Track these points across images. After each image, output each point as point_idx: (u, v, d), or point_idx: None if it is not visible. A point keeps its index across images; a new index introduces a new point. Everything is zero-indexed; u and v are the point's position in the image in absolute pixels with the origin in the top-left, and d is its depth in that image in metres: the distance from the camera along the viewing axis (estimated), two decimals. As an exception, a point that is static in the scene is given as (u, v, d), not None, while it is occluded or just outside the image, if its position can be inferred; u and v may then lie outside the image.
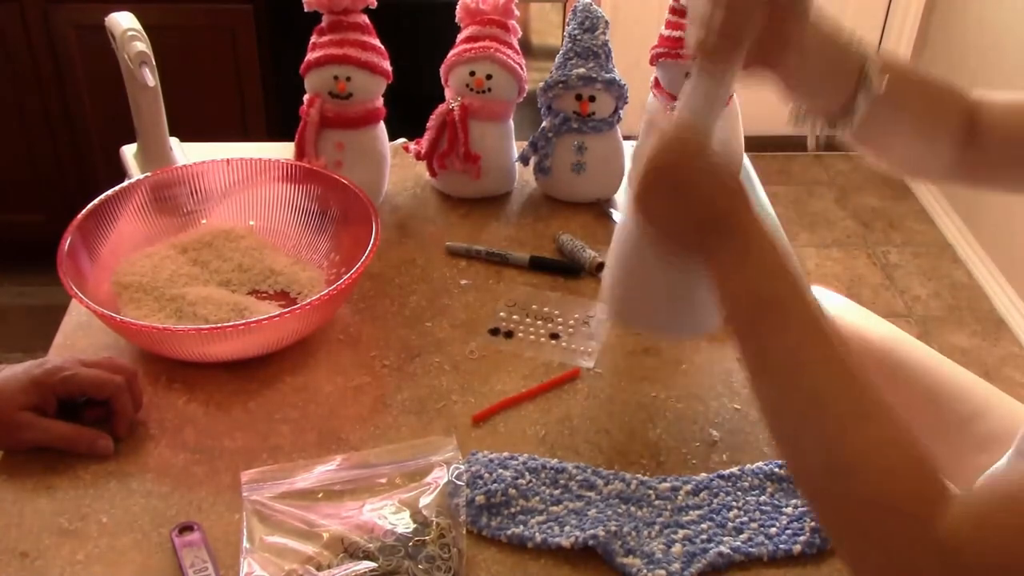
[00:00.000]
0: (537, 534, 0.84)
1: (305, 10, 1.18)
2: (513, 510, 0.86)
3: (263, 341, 1.00)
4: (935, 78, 0.95)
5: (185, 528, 0.83)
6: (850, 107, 0.90)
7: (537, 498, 0.87)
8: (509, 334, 1.08)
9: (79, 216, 1.06)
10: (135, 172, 1.28)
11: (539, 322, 1.09)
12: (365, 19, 1.20)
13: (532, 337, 1.08)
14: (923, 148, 0.96)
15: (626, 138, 1.31)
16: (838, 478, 0.67)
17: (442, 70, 1.25)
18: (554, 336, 1.08)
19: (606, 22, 1.21)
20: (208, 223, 1.18)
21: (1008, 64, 2.67)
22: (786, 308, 0.73)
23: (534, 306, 1.12)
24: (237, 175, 1.18)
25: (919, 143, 0.96)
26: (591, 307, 1.11)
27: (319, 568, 0.78)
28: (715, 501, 0.88)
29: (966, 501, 0.64)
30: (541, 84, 1.24)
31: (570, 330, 1.09)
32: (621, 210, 1.29)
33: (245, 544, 0.81)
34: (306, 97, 1.21)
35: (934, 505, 0.64)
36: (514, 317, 1.10)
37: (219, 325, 0.97)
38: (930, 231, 3.00)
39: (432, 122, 1.25)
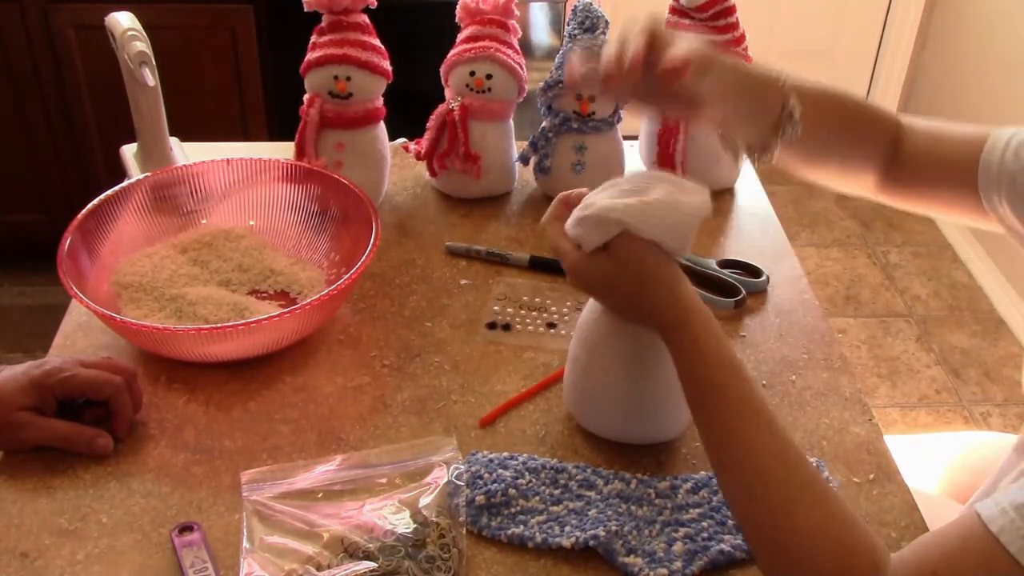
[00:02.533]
0: (537, 534, 0.84)
1: (305, 10, 1.18)
2: (513, 510, 0.86)
3: (263, 341, 1.00)
4: (864, 104, 1.01)
5: (185, 528, 0.84)
6: (770, 143, 0.94)
7: (537, 498, 0.87)
8: (507, 327, 1.08)
9: (79, 216, 1.06)
10: (135, 172, 1.28)
11: (534, 313, 1.10)
12: (365, 19, 1.20)
13: (531, 328, 1.08)
14: (850, 168, 1.02)
15: (626, 138, 1.31)
16: (780, 561, 0.73)
17: (442, 70, 1.25)
18: (551, 325, 1.08)
19: (606, 22, 1.21)
20: (208, 223, 1.18)
21: (1008, 64, 2.67)
22: (725, 394, 0.78)
23: (525, 297, 1.13)
24: (237, 175, 1.18)
25: (846, 163, 1.01)
26: (580, 295, 1.12)
27: (319, 568, 0.78)
28: (715, 499, 0.88)
29: (904, 563, 0.70)
30: (541, 84, 1.24)
31: (565, 318, 1.10)
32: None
33: (245, 544, 0.81)
34: (306, 97, 1.21)
35: None
36: (508, 310, 1.11)
37: (219, 325, 0.97)
38: (930, 231, 3.00)
39: (432, 122, 1.25)
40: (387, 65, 1.21)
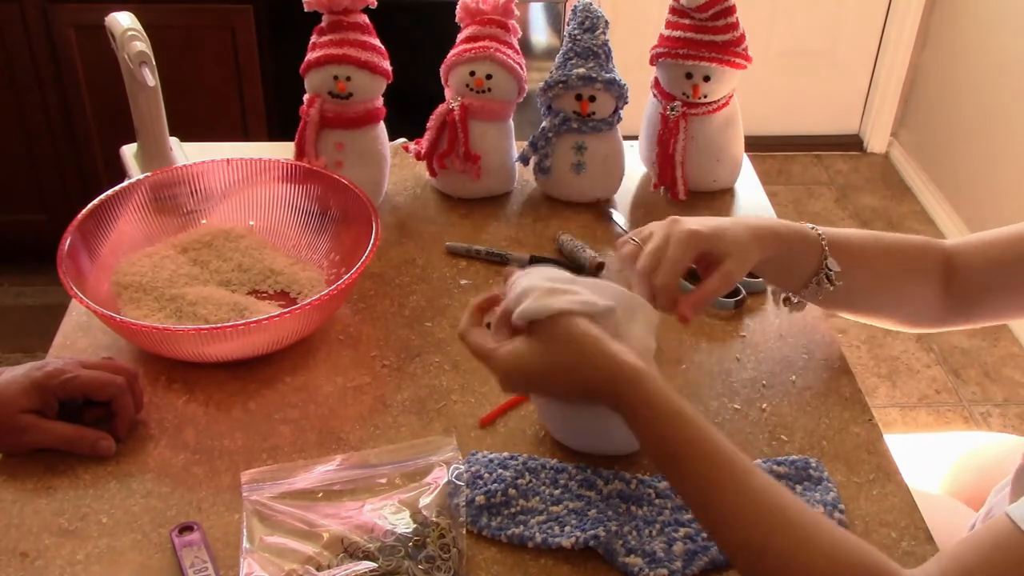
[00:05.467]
0: (537, 534, 0.84)
1: (305, 10, 1.18)
2: (513, 510, 0.86)
3: (263, 341, 1.00)
4: (906, 239, 1.01)
5: (185, 528, 0.84)
6: (813, 290, 0.97)
7: (537, 498, 0.87)
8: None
9: (79, 216, 1.06)
10: (135, 172, 1.28)
11: None
12: (365, 19, 1.20)
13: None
14: (911, 304, 1.01)
15: (626, 138, 1.31)
16: None
17: (442, 70, 1.25)
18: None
19: (606, 22, 1.21)
20: (208, 223, 1.18)
21: (1008, 64, 2.67)
22: (697, 447, 0.75)
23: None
24: (237, 175, 1.18)
25: (906, 301, 1.01)
26: None
27: (319, 568, 0.78)
28: (715, 501, 0.88)
29: None
30: (541, 84, 1.24)
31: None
32: (621, 212, 1.29)
33: (245, 544, 0.81)
34: (306, 97, 1.21)
35: None
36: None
37: (219, 325, 0.97)
38: (930, 231, 3.00)
39: (432, 122, 1.25)
40: (387, 65, 1.21)
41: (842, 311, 1.04)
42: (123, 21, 1.21)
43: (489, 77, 1.22)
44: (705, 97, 1.24)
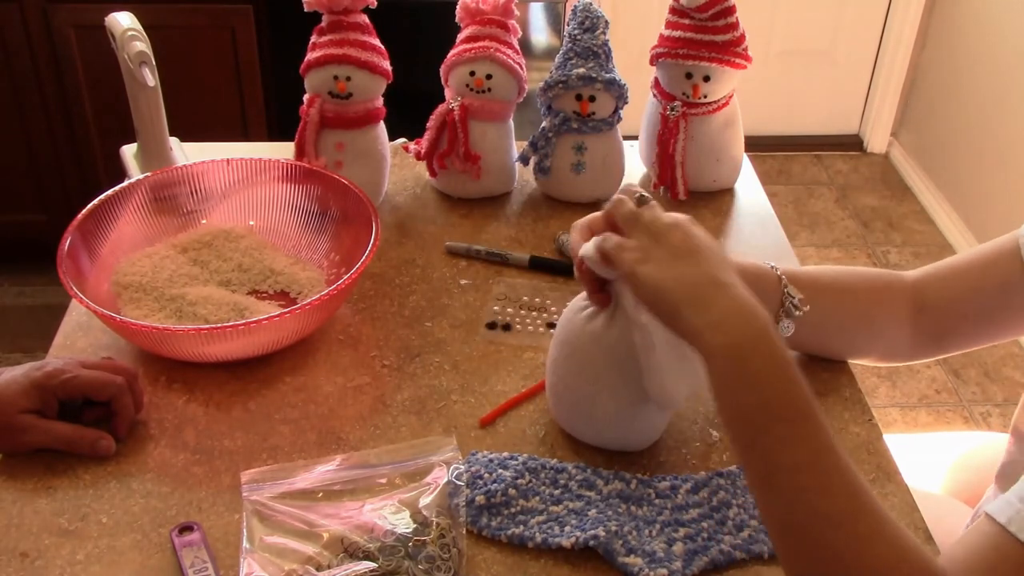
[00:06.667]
0: (537, 534, 0.84)
1: (305, 10, 1.18)
2: (513, 510, 0.86)
3: (263, 341, 1.00)
4: (869, 274, 1.00)
5: (185, 528, 0.84)
6: (781, 326, 0.95)
7: (537, 498, 0.87)
8: (507, 327, 1.08)
9: (79, 216, 1.06)
10: (135, 172, 1.28)
11: (534, 313, 1.10)
12: (365, 19, 1.20)
13: (531, 328, 1.08)
14: (883, 339, 1.00)
15: (626, 138, 1.31)
16: None
17: (442, 70, 1.25)
18: (551, 325, 1.08)
19: (606, 22, 1.21)
20: (208, 223, 1.18)
21: (1008, 64, 2.67)
22: (796, 421, 0.72)
23: (525, 298, 1.13)
24: (237, 175, 1.18)
25: (877, 336, 1.00)
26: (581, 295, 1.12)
27: (319, 568, 0.79)
28: (715, 499, 0.88)
29: None
30: (541, 84, 1.24)
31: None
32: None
33: (245, 544, 0.81)
34: (306, 97, 1.21)
35: None
36: (508, 310, 1.11)
37: (219, 325, 0.97)
38: (930, 231, 3.00)
39: (432, 122, 1.25)
40: (387, 65, 1.21)
41: (818, 352, 1.03)
42: (123, 21, 1.21)
43: (489, 77, 1.22)
44: (705, 97, 1.24)
